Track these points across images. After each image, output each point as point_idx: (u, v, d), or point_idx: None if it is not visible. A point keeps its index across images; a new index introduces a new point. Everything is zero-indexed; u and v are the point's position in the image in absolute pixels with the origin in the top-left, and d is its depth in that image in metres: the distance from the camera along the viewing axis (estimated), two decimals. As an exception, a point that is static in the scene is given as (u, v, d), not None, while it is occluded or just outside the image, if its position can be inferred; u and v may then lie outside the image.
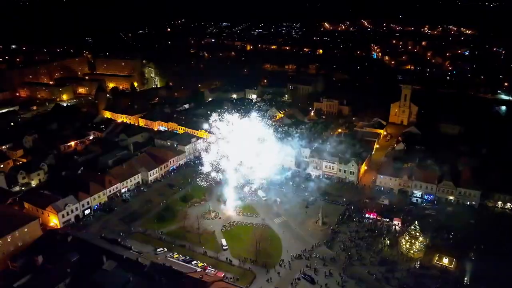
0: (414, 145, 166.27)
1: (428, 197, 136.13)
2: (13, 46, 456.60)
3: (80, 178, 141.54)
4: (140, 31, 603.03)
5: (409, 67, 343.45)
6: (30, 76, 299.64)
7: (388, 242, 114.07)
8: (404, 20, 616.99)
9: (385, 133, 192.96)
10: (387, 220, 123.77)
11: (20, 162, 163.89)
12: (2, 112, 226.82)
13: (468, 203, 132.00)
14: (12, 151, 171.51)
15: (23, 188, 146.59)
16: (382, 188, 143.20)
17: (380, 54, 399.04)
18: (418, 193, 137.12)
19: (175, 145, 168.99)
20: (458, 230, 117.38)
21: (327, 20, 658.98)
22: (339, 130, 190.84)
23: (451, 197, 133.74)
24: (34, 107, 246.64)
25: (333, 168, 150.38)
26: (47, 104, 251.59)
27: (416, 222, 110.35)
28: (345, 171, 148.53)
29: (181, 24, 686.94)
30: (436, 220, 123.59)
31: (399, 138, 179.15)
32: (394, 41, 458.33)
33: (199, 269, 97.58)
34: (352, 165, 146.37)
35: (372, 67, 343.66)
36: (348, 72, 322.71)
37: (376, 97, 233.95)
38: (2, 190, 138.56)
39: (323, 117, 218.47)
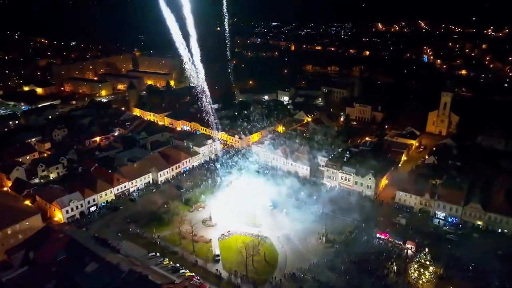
0: (447, 160, 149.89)
1: (452, 220, 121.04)
2: (73, 43, 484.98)
3: (91, 174, 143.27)
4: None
5: (462, 72, 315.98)
6: (77, 72, 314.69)
7: (396, 268, 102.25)
8: (471, 22, 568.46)
9: (417, 144, 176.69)
10: (400, 242, 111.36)
11: (45, 155, 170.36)
12: (43, 106, 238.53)
13: (500, 230, 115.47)
14: (40, 143, 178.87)
15: (41, 181, 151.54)
16: (402, 206, 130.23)
17: (432, 57, 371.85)
18: (441, 214, 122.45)
19: (191, 146, 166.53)
20: (480, 261, 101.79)
21: (381, 21, 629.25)
22: (367, 138, 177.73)
23: (479, 222, 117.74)
24: (73, 102, 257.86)
25: (349, 180, 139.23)
26: (86, 99, 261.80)
27: (427, 249, 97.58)
28: (361, 184, 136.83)
29: (231, 23, 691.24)
30: (457, 247, 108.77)
31: (433, 150, 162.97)
32: (450, 44, 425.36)
33: (178, 281, 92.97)
34: (370, 178, 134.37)
35: (420, 71, 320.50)
36: (393, 76, 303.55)
37: (418, 104, 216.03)
38: (21, 181, 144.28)
39: (354, 123, 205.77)
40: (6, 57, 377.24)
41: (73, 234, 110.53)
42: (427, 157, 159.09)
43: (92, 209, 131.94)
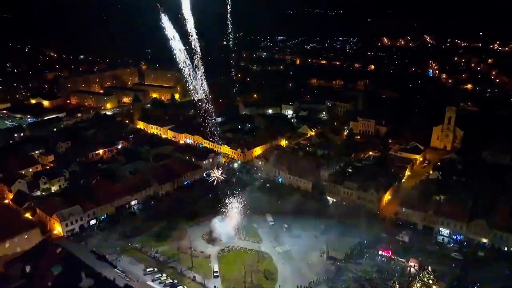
0: (452, 175, 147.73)
1: (457, 237, 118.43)
2: (81, 56, 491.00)
3: (92, 187, 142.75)
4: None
5: (468, 86, 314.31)
6: (83, 85, 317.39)
7: (398, 286, 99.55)
8: (477, 36, 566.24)
9: (421, 159, 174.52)
10: (403, 260, 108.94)
11: (47, 167, 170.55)
12: (48, 118, 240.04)
13: (506, 248, 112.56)
14: (44, 156, 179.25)
15: (43, 193, 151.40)
16: (406, 222, 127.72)
17: (437, 71, 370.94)
18: (445, 231, 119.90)
19: (193, 159, 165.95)
20: (486, 281, 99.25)
21: (387, 35, 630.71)
22: (370, 153, 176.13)
23: (484, 240, 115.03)
24: (79, 114, 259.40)
25: (351, 195, 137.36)
26: (91, 112, 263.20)
27: (430, 268, 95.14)
28: (364, 200, 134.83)
29: (237, 37, 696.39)
30: (461, 266, 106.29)
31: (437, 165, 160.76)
32: (456, 58, 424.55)
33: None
34: (372, 193, 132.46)
35: (425, 85, 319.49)
36: (398, 90, 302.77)
37: (423, 118, 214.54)
38: (22, 194, 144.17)
39: (357, 137, 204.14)
40: (15, 70, 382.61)
41: (71, 248, 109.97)
42: (431, 172, 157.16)
43: (92, 222, 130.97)
